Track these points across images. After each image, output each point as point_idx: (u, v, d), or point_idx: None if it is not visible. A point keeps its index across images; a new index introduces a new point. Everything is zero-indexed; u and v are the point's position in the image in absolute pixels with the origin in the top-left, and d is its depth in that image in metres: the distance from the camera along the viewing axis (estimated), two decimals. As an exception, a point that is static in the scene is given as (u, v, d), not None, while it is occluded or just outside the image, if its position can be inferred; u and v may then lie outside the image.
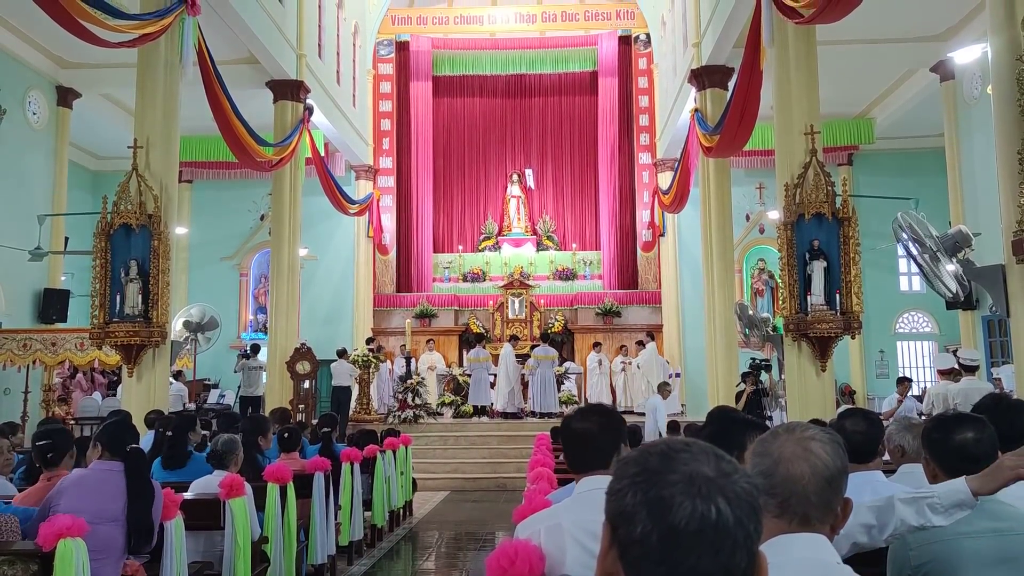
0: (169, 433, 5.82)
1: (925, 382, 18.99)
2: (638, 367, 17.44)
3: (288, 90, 14.93)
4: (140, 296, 9.81)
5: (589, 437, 2.52)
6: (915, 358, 19.47)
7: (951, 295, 8.23)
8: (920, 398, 11.69)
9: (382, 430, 10.40)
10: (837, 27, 9.63)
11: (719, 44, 13.65)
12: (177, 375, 15.88)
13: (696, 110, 14.39)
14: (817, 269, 9.29)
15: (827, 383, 9.48)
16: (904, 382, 11.97)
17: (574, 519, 2.32)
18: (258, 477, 5.59)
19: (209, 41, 11.16)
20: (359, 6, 19.87)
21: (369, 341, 16.86)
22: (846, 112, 18.06)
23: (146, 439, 6.96)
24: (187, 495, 5.05)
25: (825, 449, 1.64)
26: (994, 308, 7.96)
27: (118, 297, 9.82)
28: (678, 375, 18.04)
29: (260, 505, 5.48)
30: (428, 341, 19.05)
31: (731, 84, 13.51)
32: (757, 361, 12.68)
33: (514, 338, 17.20)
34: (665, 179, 18.98)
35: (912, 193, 16.41)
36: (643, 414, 16.76)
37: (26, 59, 14.61)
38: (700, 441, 1.17)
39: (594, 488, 2.33)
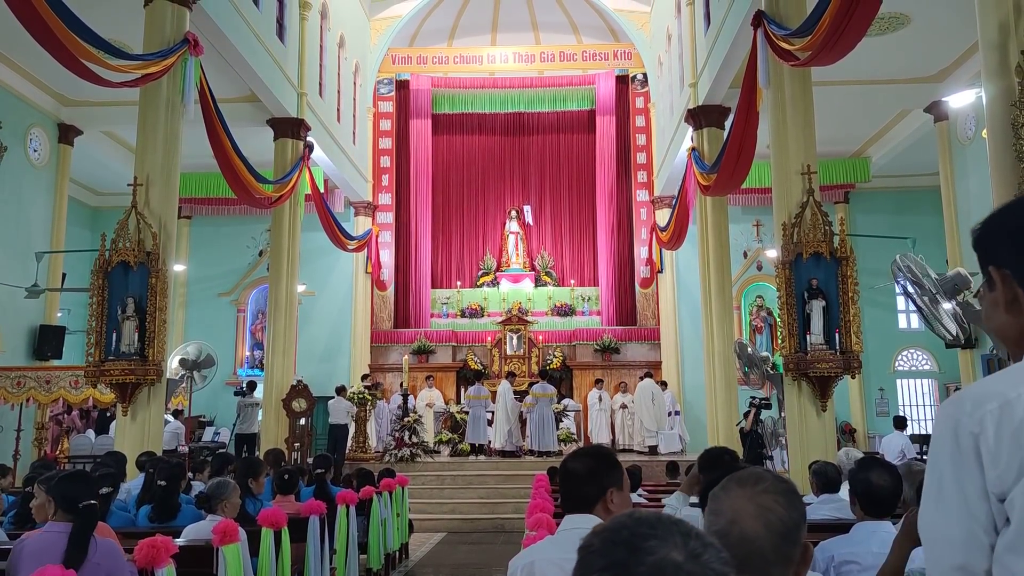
0: (162, 483, 5.72)
1: (927, 420, 18.91)
2: (632, 403, 17.28)
3: (289, 128, 15.01)
4: (136, 334, 9.75)
5: (576, 478, 2.56)
6: (915, 396, 19.37)
7: (951, 337, 8.17)
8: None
9: (378, 470, 10.27)
10: (831, 68, 9.71)
11: (715, 84, 13.76)
12: (177, 414, 15.77)
13: (693, 149, 14.46)
14: (816, 308, 9.25)
15: (828, 423, 9.39)
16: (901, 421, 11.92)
17: (548, 557, 2.44)
18: (247, 521, 5.49)
19: (211, 80, 11.23)
20: (360, 46, 20.07)
21: (364, 378, 16.75)
22: (842, 151, 18.18)
23: (136, 482, 6.86)
24: (179, 541, 4.96)
25: (779, 502, 1.60)
26: (995, 351, 7.90)
27: (114, 335, 9.76)
28: (677, 413, 17.91)
29: (254, 550, 5.38)
30: (427, 378, 18.95)
31: (727, 123, 13.60)
32: (757, 400, 12.61)
33: (511, 375, 17.08)
34: (663, 216, 19.02)
35: (908, 231, 16.46)
36: (643, 452, 16.66)
37: (28, 97, 14.70)
38: (667, 516, 1.12)
39: (574, 527, 2.46)
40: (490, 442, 15.98)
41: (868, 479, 3.38)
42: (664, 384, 17.90)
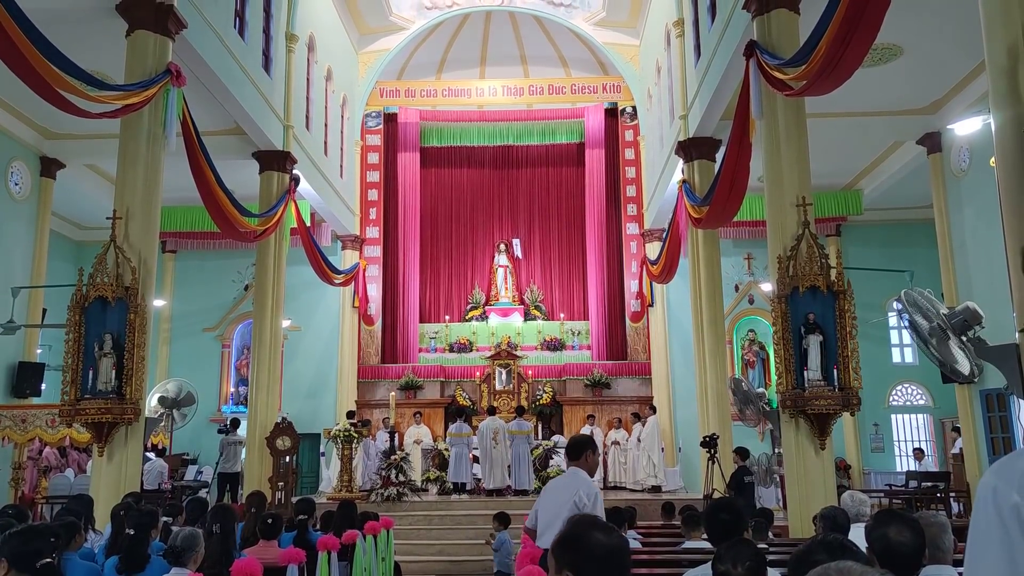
0: (131, 531, 5.37)
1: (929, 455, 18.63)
2: (639, 440, 16.90)
3: (275, 161, 14.80)
4: (114, 371, 9.42)
5: (621, 553, 2.10)
6: (910, 431, 19.09)
7: (965, 376, 7.92)
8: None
9: (359, 512, 9.90)
10: (823, 99, 9.59)
11: (706, 116, 13.66)
12: (161, 452, 15.36)
13: (684, 181, 14.33)
14: (813, 343, 9.02)
15: (827, 461, 9.12)
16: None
17: None
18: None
19: (195, 112, 11.03)
20: (348, 79, 19.96)
21: (350, 415, 16.38)
22: (834, 183, 18.08)
23: (107, 530, 6.51)
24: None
25: None
26: (1008, 389, 7.65)
27: (91, 372, 9.43)
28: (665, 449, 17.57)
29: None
30: (415, 414, 18.60)
31: (718, 156, 13.48)
32: (707, 438, 12.39)
33: (493, 409, 16.68)
34: (653, 249, 18.86)
35: (901, 264, 16.32)
36: (635, 490, 16.29)
37: (9, 130, 14.42)
38: None
39: None
40: (479, 480, 15.61)
41: (886, 535, 3.10)
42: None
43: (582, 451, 5.40)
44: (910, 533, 3.09)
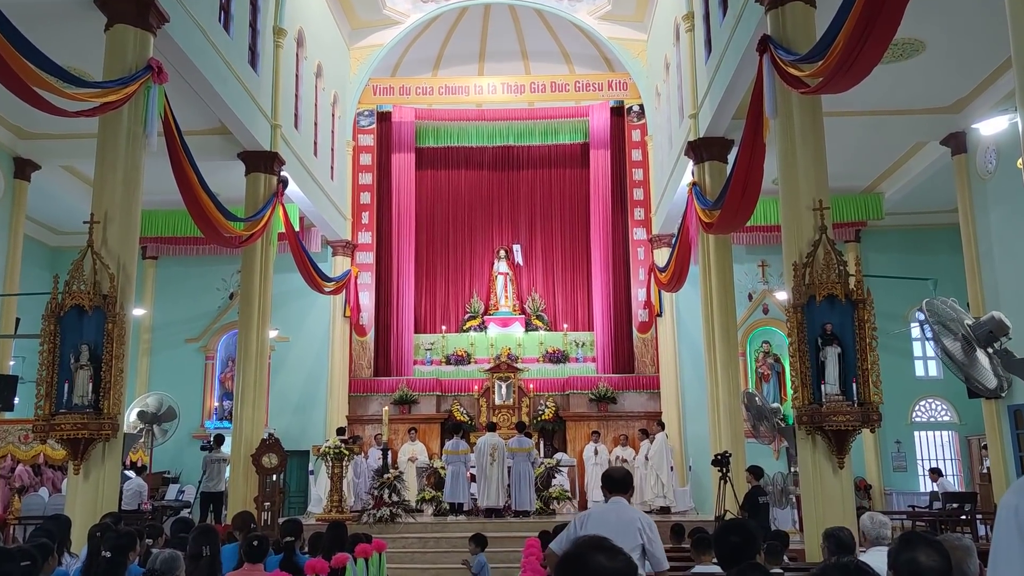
0: (107, 554, 5.35)
1: (954, 475, 18.60)
2: (646, 458, 16.88)
3: (261, 162, 14.81)
4: (91, 384, 9.41)
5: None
6: (934, 449, 19.04)
7: (990, 391, 7.90)
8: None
9: (350, 534, 9.88)
10: (841, 97, 9.60)
11: (717, 115, 13.66)
12: (141, 470, 15.33)
13: (694, 184, 14.33)
14: (831, 356, 8.98)
15: (845, 480, 9.09)
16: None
17: None
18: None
19: (177, 110, 11.03)
20: (339, 75, 20.00)
21: (340, 431, 16.36)
22: (853, 186, 18.09)
23: (83, 552, 6.49)
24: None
25: None
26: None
27: (66, 385, 9.41)
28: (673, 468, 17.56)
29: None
30: (410, 430, 18.59)
31: (731, 157, 13.48)
32: (719, 456, 12.36)
33: (492, 425, 16.70)
34: (661, 256, 18.86)
35: (923, 271, 16.33)
36: (648, 512, 16.24)
37: (-19, 129, 14.47)
38: None
39: None
40: (476, 500, 15.58)
41: (915, 559, 3.08)
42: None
43: (630, 485, 5.97)
44: (939, 557, 3.07)
